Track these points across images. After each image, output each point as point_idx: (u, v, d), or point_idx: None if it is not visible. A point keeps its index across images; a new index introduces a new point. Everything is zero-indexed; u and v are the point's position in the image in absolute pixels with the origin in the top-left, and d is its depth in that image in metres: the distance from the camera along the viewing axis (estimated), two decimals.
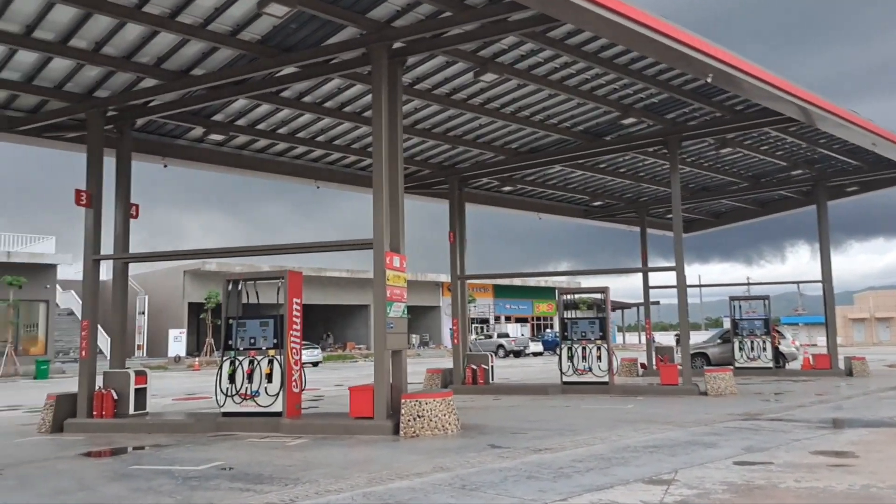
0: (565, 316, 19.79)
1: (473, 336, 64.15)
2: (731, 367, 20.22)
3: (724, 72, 13.40)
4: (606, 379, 18.78)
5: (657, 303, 44.37)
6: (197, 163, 17.44)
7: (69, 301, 48.02)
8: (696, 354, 27.97)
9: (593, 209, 27.59)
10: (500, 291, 72.82)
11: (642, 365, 25.68)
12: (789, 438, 10.17)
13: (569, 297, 20.96)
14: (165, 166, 16.81)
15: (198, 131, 16.25)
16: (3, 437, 12.99)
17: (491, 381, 20.47)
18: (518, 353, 54.55)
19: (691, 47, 12.37)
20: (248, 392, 12.44)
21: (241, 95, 14.31)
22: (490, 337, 59.62)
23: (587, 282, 64.73)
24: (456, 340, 20.70)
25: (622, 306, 73.93)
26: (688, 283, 18.27)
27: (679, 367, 18.79)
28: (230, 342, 12.77)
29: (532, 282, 72.35)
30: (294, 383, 12.52)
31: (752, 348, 25.21)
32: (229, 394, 12.52)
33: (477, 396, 18.73)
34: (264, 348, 12.56)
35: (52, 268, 40.81)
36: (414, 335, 64.18)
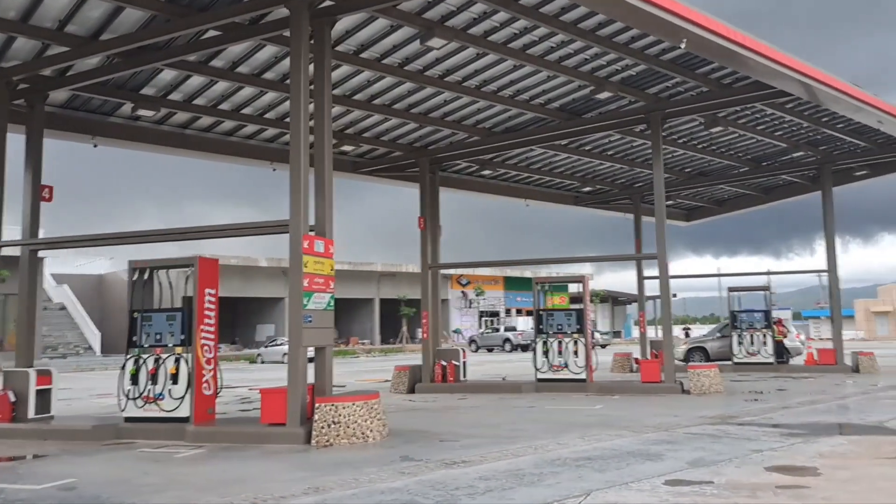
0: (541, 307, 18.30)
1: (481, 329, 62.76)
2: (718, 364, 18.71)
3: (700, 36, 11.92)
4: (584, 376, 17.27)
5: (675, 295, 42.47)
6: (133, 142, 16.07)
7: (62, 296, 47.05)
8: (694, 349, 26.43)
9: (584, 196, 25.96)
10: (511, 284, 71.21)
11: (636, 360, 24.07)
12: (749, 449, 8.65)
13: (545, 285, 19.34)
14: (95, 146, 15.49)
15: (128, 107, 14.92)
16: None
17: (463, 378, 18.93)
18: (525, 347, 53.01)
19: (657, 6, 10.88)
20: (151, 395, 11.09)
21: (162, 62, 12.91)
22: (497, 330, 58.01)
23: (602, 273, 62.97)
24: (425, 335, 19.22)
25: (635, 299, 72.07)
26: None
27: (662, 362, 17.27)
28: (134, 338, 11.40)
29: (543, 273, 70.48)
30: (205, 385, 11.16)
31: (752, 342, 23.54)
32: (131, 396, 11.17)
33: (443, 395, 17.34)
34: (171, 345, 11.21)
35: (38, 261, 39.78)
36: (420, 329, 62.88)
